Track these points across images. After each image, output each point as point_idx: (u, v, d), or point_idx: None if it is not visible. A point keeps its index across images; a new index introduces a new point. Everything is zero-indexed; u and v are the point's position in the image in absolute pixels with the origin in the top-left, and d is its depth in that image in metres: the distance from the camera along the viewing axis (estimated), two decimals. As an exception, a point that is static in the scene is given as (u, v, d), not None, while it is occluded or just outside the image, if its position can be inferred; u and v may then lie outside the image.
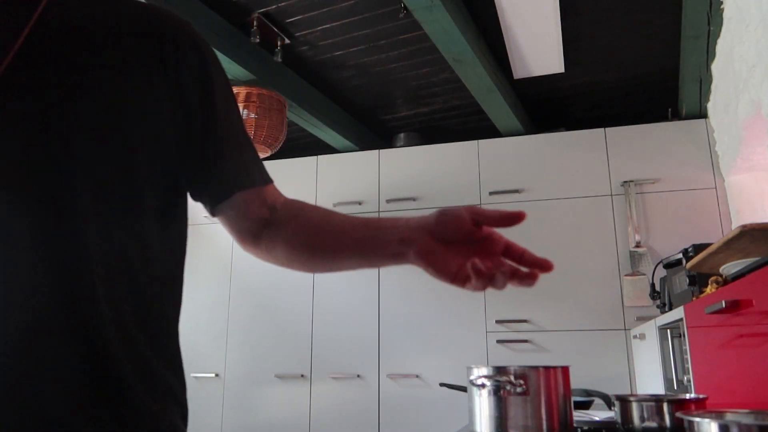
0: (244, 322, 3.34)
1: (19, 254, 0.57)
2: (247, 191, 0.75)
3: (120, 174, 0.64)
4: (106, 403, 0.58)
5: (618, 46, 2.70)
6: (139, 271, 0.65)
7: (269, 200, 0.78)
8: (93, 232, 0.60)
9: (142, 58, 0.67)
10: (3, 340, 0.54)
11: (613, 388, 2.62)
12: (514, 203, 3.10)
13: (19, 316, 0.55)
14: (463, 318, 3.01)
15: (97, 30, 0.67)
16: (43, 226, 0.58)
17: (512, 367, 1.04)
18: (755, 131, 2.26)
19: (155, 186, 0.68)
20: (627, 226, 2.92)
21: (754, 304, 1.16)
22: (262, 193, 0.78)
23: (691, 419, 0.77)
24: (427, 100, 3.24)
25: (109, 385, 0.58)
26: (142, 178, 0.66)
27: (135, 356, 0.61)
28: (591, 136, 3.09)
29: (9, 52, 0.62)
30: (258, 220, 0.77)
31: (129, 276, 0.63)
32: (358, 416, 3.03)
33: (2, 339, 0.54)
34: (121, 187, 0.64)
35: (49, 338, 0.56)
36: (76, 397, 0.56)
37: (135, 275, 0.64)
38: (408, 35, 2.59)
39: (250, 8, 2.41)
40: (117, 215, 0.63)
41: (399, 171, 3.32)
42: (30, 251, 0.57)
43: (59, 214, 0.59)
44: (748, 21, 1.96)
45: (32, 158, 0.59)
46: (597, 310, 2.86)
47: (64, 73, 0.63)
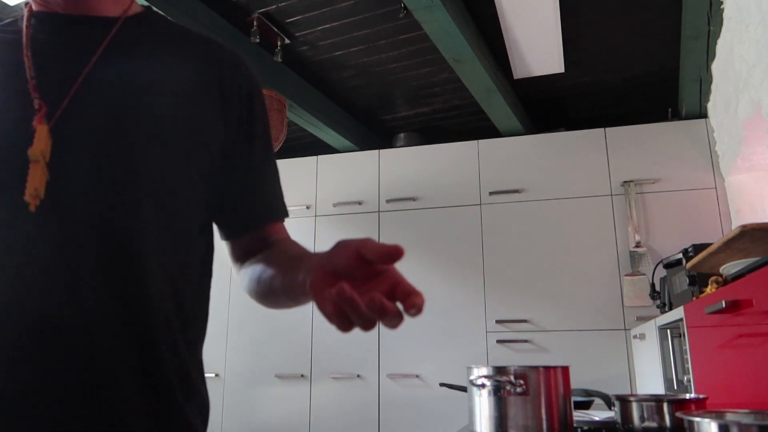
0: (244, 322, 3.34)
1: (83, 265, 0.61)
2: (272, 224, 0.82)
3: (176, 189, 0.69)
4: (155, 410, 0.63)
5: (618, 46, 2.70)
6: (185, 288, 0.70)
7: (274, 236, 0.82)
8: (151, 249, 0.65)
9: (202, 85, 0.74)
10: (76, 352, 0.59)
11: (613, 388, 2.62)
12: (514, 203, 3.10)
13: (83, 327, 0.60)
14: (463, 318, 3.01)
15: (162, 56, 0.73)
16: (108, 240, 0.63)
17: (512, 367, 1.04)
18: (755, 131, 2.26)
19: (200, 205, 0.73)
20: (627, 226, 2.92)
21: (754, 304, 1.16)
22: (277, 226, 0.83)
23: (691, 419, 0.77)
24: (427, 100, 3.24)
25: (159, 393, 0.64)
26: (194, 196, 0.71)
27: (181, 369, 0.67)
28: (591, 136, 3.09)
29: (82, 72, 0.67)
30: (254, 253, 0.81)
31: (176, 292, 0.68)
32: (358, 416, 3.03)
33: (75, 351, 0.59)
34: (176, 203, 0.69)
35: (111, 351, 0.61)
36: (134, 402, 0.61)
37: (181, 292, 0.69)
38: (408, 35, 2.59)
39: (250, 8, 2.41)
40: (172, 229, 0.68)
41: (399, 171, 3.32)
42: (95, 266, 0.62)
43: (124, 230, 0.64)
44: (748, 21, 1.96)
45: (99, 169, 0.63)
46: (597, 310, 2.86)
47: (131, 93, 0.68)
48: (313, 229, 3.36)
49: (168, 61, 0.74)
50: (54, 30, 0.72)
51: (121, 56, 0.71)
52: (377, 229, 3.26)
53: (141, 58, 0.72)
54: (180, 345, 0.67)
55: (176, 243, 0.69)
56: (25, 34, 0.71)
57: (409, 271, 3.16)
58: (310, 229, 3.37)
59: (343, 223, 3.31)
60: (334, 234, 3.31)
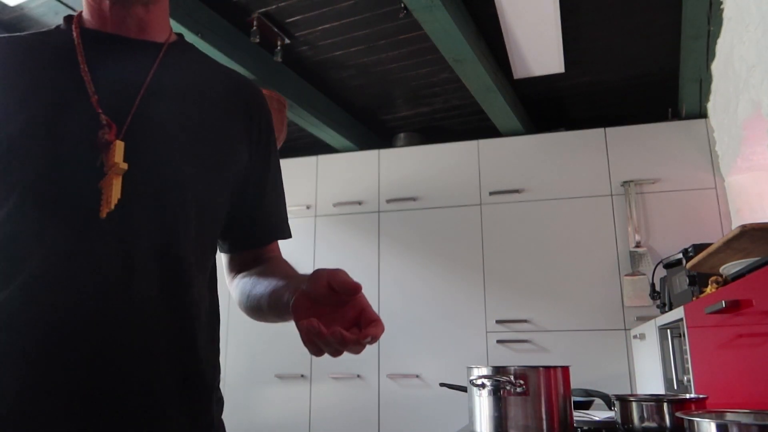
0: (244, 323, 3.34)
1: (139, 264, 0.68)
2: (273, 243, 0.91)
3: (213, 205, 0.78)
4: (192, 405, 0.71)
5: (618, 46, 2.70)
6: (213, 294, 0.80)
7: (268, 254, 0.91)
8: (192, 258, 0.74)
9: (231, 110, 0.82)
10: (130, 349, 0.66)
11: (613, 388, 2.62)
12: (514, 203, 3.10)
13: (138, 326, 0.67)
14: (463, 318, 3.01)
15: (200, 81, 0.81)
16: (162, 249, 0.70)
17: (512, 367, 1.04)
18: (755, 131, 2.26)
19: (223, 220, 0.82)
20: (627, 226, 2.92)
21: (754, 304, 1.16)
22: (275, 244, 0.92)
23: (691, 419, 0.77)
24: (427, 100, 3.24)
25: (197, 389, 0.71)
26: (222, 211, 0.80)
27: (213, 368, 0.75)
28: (591, 136, 3.09)
29: (137, 95, 0.74)
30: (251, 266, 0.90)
31: (209, 297, 0.78)
32: (358, 416, 3.03)
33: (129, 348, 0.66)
34: (212, 218, 0.77)
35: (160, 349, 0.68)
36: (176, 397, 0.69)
37: (210, 297, 0.79)
38: (408, 35, 2.59)
39: (250, 8, 2.41)
40: (205, 241, 0.77)
41: (399, 171, 3.32)
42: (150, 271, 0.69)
43: (175, 241, 0.71)
44: (748, 21, 1.96)
45: (156, 184, 0.71)
46: (597, 310, 2.86)
47: (179, 114, 0.76)
48: (313, 229, 3.36)
49: (205, 86, 0.82)
50: (108, 50, 0.77)
51: (167, 80, 0.78)
52: (377, 229, 3.26)
53: (184, 82, 0.80)
54: (212, 345, 0.76)
55: (207, 253, 0.78)
56: (79, 51, 0.75)
57: (409, 271, 3.17)
58: (310, 229, 3.37)
59: (343, 223, 3.31)
60: (334, 234, 3.31)
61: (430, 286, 3.09)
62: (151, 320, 0.68)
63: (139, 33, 0.79)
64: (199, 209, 0.75)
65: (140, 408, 0.66)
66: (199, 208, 0.75)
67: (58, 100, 0.71)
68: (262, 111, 0.88)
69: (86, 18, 0.80)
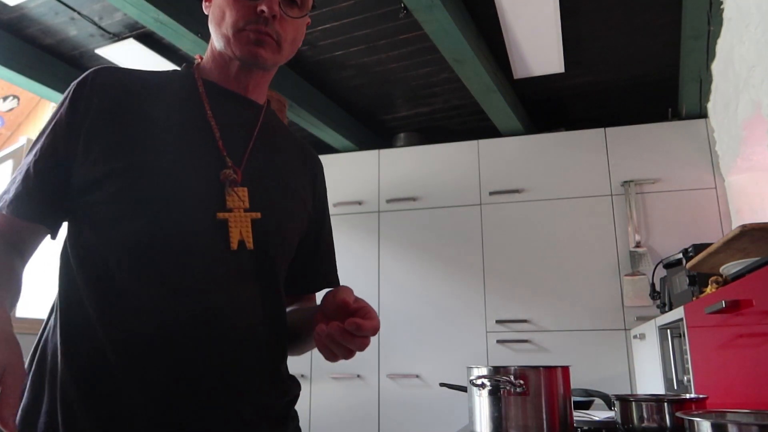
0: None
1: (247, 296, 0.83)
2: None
3: (293, 244, 0.93)
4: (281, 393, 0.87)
5: (618, 46, 2.70)
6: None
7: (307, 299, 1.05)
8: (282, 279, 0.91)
9: (304, 174, 0.98)
10: (245, 350, 0.81)
11: (613, 388, 2.62)
12: (514, 203, 3.10)
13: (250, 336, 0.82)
14: (463, 318, 3.01)
15: (285, 143, 0.97)
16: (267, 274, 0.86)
17: (512, 367, 1.04)
18: (755, 131, 2.26)
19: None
20: (627, 226, 2.92)
21: (754, 304, 1.16)
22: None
23: (691, 419, 0.77)
24: (427, 100, 3.24)
25: (282, 382, 0.88)
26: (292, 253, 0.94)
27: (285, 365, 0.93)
28: (591, 136, 3.09)
29: (247, 146, 0.88)
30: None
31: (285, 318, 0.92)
32: (358, 416, 3.03)
33: (244, 349, 0.80)
34: (290, 253, 0.93)
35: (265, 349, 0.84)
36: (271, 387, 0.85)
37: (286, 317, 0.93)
38: (408, 35, 2.59)
39: (250, 8, 2.41)
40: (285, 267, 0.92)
41: (399, 171, 3.32)
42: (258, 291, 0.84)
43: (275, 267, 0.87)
44: (748, 21, 1.96)
45: (262, 224, 0.84)
46: (597, 310, 2.86)
47: (274, 169, 0.91)
48: (313, 229, 3.36)
49: (286, 148, 0.97)
50: (225, 101, 0.90)
51: (266, 137, 0.93)
52: (377, 229, 3.26)
53: (275, 142, 0.95)
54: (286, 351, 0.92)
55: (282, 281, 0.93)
56: (204, 98, 0.89)
57: (409, 271, 3.17)
58: (310, 229, 3.37)
59: (343, 223, 3.31)
60: (334, 234, 3.29)
61: (430, 286, 3.09)
62: (258, 328, 0.83)
63: (248, 92, 0.93)
64: (285, 248, 0.90)
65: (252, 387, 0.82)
66: (285, 246, 0.90)
67: (186, 138, 0.84)
68: (321, 174, 1.04)
69: (206, 67, 0.93)
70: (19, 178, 0.81)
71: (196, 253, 0.79)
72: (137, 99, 0.84)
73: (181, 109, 0.86)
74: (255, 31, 0.86)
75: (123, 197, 0.78)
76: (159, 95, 0.86)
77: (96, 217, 0.79)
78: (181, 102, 0.87)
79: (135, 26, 2.53)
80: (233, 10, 0.86)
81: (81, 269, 0.78)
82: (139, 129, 0.81)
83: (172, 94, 0.88)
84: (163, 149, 0.81)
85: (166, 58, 2.70)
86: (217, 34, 0.89)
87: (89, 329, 0.75)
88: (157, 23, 2.29)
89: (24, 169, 0.81)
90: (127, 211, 0.78)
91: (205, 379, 0.76)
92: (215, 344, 0.77)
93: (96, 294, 0.76)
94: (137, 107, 0.83)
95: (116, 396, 0.73)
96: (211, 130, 0.86)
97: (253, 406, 0.80)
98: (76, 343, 0.76)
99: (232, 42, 0.87)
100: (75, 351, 0.75)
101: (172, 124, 0.84)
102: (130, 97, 0.84)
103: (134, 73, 0.88)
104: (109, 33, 2.59)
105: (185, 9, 2.30)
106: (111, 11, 2.44)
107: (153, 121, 0.83)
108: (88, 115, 0.81)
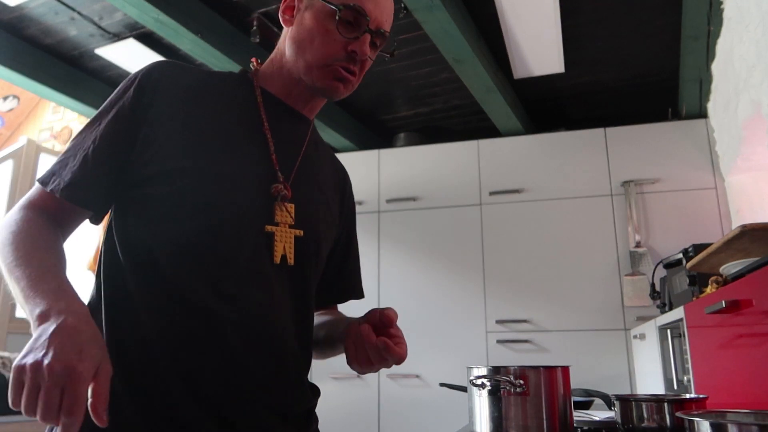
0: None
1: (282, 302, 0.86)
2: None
3: (323, 257, 0.96)
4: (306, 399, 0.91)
5: (618, 46, 2.70)
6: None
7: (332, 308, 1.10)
8: (313, 291, 0.94)
9: (336, 190, 1.02)
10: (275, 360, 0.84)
11: (613, 388, 2.62)
12: (514, 203, 3.10)
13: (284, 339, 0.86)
14: (463, 318, 3.01)
15: (324, 162, 1.01)
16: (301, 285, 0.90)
17: (512, 367, 1.04)
18: (755, 131, 2.26)
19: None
20: (627, 226, 2.92)
21: (754, 304, 1.16)
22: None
23: (691, 419, 0.77)
24: (427, 100, 3.24)
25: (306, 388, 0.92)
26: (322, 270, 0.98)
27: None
28: (591, 136, 3.09)
29: (296, 161, 0.91)
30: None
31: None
32: (358, 416, 3.03)
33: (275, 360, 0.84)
34: (321, 266, 0.96)
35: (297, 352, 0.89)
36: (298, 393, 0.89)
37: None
38: (408, 35, 2.59)
39: (250, 8, 2.41)
40: (316, 280, 0.96)
41: (399, 171, 3.32)
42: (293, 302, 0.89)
43: (308, 280, 0.91)
44: (748, 21, 1.96)
45: (303, 241, 0.88)
46: (597, 310, 2.86)
47: (317, 185, 0.95)
48: (313, 229, 3.36)
49: (325, 163, 1.01)
50: (281, 114, 0.92)
51: (311, 152, 0.96)
52: (377, 229, 3.26)
53: (318, 156, 0.98)
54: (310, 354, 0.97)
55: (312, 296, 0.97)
56: (261, 109, 0.90)
57: (409, 271, 3.17)
58: (310, 229, 3.37)
59: (343, 223, 3.31)
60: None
61: (430, 286, 3.09)
62: (290, 355, 0.87)
63: (303, 108, 0.95)
64: (318, 260, 0.94)
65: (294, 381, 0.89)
66: (319, 259, 0.94)
67: (243, 148, 0.86)
68: (350, 187, 1.08)
69: (266, 76, 0.94)
70: (75, 162, 0.81)
71: (241, 260, 0.81)
72: (198, 99, 0.86)
73: (239, 116, 0.88)
74: (343, 68, 0.88)
75: (179, 197, 0.80)
76: (219, 99, 0.88)
77: (149, 210, 0.80)
78: (239, 109, 0.89)
79: (135, 26, 2.53)
80: (325, 42, 0.86)
81: (128, 257, 0.80)
82: (199, 131, 0.83)
83: (230, 99, 0.89)
84: (221, 156, 0.83)
85: (166, 58, 2.70)
86: (297, 56, 0.89)
87: (134, 315, 0.77)
88: (157, 23, 2.28)
89: (82, 154, 0.81)
90: (182, 211, 0.80)
91: (244, 380, 0.79)
92: (253, 348, 0.80)
93: (143, 282, 0.78)
94: (198, 108, 0.85)
95: (159, 385, 0.75)
96: (266, 143, 0.88)
97: (282, 408, 0.84)
98: (122, 330, 0.78)
99: (314, 72, 0.88)
100: (120, 339, 0.77)
101: (231, 131, 0.86)
102: (191, 97, 0.85)
103: (195, 72, 0.90)
104: (109, 33, 2.59)
105: (185, 9, 2.30)
106: (111, 11, 2.44)
107: (212, 126, 0.85)
108: (152, 107, 0.82)
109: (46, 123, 4.43)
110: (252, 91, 0.91)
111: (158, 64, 0.87)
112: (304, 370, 0.92)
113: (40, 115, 4.47)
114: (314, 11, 0.87)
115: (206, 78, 0.90)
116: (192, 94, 0.85)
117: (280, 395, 0.84)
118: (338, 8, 0.85)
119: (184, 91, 0.85)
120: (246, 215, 0.83)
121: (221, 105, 0.88)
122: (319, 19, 0.87)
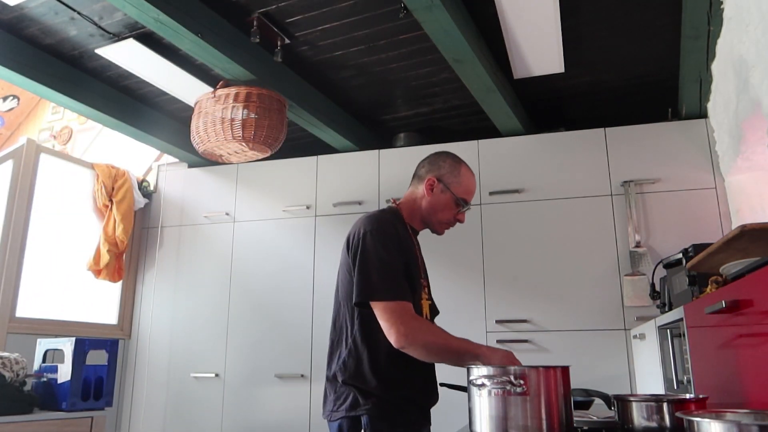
0: (244, 322, 3.34)
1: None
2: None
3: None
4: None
5: (618, 46, 2.70)
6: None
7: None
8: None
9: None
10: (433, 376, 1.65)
11: (613, 388, 2.62)
12: (514, 203, 3.10)
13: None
14: (463, 318, 3.01)
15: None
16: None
17: (512, 367, 1.04)
18: (755, 131, 2.26)
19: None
20: (627, 226, 2.92)
21: (754, 304, 1.16)
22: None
23: (691, 419, 0.77)
24: (427, 100, 3.24)
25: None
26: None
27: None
28: (591, 136, 3.09)
29: (420, 272, 1.61)
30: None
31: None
32: (358, 416, 3.02)
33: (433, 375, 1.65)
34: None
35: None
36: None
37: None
38: (408, 35, 2.59)
39: (250, 8, 2.41)
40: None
41: (399, 171, 3.32)
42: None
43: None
44: (748, 21, 1.96)
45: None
46: (597, 310, 2.86)
47: (426, 272, 1.73)
48: (313, 229, 3.36)
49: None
50: (413, 238, 1.65)
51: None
52: (377, 229, 3.26)
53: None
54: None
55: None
56: (413, 241, 1.64)
57: (409, 271, 3.14)
58: (310, 229, 3.37)
59: (343, 223, 3.31)
60: (334, 234, 3.31)
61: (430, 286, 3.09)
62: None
63: (419, 228, 1.71)
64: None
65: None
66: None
67: (418, 268, 1.57)
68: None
69: (406, 213, 1.66)
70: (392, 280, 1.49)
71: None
72: (403, 242, 1.54)
73: (411, 248, 1.56)
74: (450, 226, 1.69)
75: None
76: (404, 237, 1.56)
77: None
78: (408, 242, 1.57)
79: (135, 26, 2.53)
80: (449, 213, 1.65)
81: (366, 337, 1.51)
82: (411, 257, 1.55)
83: (407, 237, 1.58)
84: (417, 274, 1.55)
85: (166, 58, 2.70)
86: (431, 213, 1.64)
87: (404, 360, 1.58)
88: (157, 23, 2.28)
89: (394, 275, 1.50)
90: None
91: (431, 385, 1.69)
92: (432, 366, 1.68)
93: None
94: (404, 249, 1.54)
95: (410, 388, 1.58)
96: (420, 265, 1.61)
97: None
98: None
99: (436, 225, 1.67)
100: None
101: (414, 259, 1.56)
102: (401, 241, 1.54)
103: (397, 223, 1.59)
104: (109, 33, 2.59)
105: (185, 9, 2.30)
106: (111, 11, 2.44)
107: (411, 254, 1.55)
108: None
109: (46, 123, 4.43)
110: (407, 228, 1.62)
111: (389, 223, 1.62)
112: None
113: (40, 115, 4.47)
114: (448, 196, 1.63)
115: (399, 224, 1.61)
116: (405, 239, 1.60)
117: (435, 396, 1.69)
118: (463, 204, 1.64)
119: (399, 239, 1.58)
120: (417, 304, 1.56)
121: (406, 242, 1.57)
122: (450, 202, 1.64)
